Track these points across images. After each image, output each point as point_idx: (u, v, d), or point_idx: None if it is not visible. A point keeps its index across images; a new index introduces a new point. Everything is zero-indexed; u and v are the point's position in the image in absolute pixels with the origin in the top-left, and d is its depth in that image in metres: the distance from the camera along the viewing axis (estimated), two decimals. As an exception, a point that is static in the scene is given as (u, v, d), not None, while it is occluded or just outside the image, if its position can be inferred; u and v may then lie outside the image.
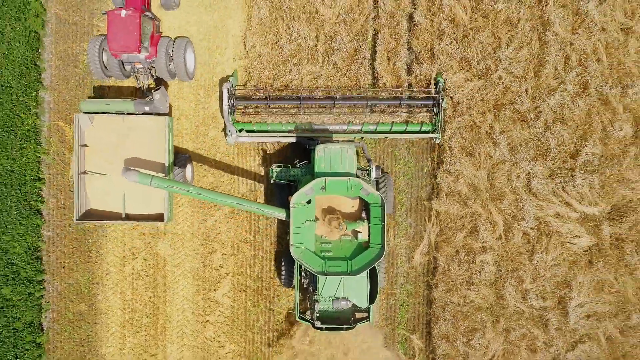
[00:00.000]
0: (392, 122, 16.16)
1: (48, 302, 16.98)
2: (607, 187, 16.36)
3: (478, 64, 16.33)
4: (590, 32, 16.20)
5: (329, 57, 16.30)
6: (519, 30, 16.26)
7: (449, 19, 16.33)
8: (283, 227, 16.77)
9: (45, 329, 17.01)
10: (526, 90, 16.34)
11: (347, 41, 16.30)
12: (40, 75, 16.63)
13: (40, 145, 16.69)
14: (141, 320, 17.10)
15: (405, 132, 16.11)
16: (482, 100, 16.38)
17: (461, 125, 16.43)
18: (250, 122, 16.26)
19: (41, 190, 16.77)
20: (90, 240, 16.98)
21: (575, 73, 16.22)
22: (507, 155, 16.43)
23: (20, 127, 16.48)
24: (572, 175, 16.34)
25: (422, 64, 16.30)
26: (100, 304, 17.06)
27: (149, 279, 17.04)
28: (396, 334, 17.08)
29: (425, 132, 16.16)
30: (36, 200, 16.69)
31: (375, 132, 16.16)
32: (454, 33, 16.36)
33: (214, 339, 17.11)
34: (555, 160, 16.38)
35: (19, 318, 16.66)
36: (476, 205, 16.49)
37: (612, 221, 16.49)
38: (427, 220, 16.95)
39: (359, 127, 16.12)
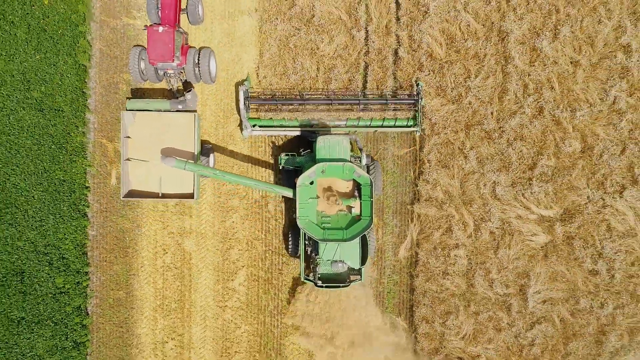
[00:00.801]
0: (384, 118, 19.40)
1: (92, 290, 20.24)
2: (559, 193, 19.65)
3: (452, 91, 19.65)
4: (545, 65, 19.50)
5: (327, 86, 19.63)
6: (485, 63, 19.59)
7: (428, 54, 19.65)
8: (290, 207, 20.06)
9: (90, 312, 20.25)
10: (491, 113, 19.65)
11: (343, 72, 19.63)
12: (86, 100, 19.92)
13: (86, 159, 19.96)
14: (170, 306, 20.35)
15: (393, 126, 19.39)
16: (455, 121, 19.69)
17: (438, 142, 19.73)
18: (261, 118, 19.61)
19: (87, 196, 20.03)
20: (127, 238, 20.25)
21: (532, 99, 19.54)
22: (476, 167, 19.73)
23: (71, 144, 19.75)
24: (530, 184, 19.64)
25: (405, 90, 19.67)
26: (136, 292, 20.32)
27: (177, 271, 20.31)
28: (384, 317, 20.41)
29: (408, 126, 19.43)
30: (83, 205, 19.96)
31: (368, 126, 19.44)
32: (432, 65, 19.68)
33: (232, 321, 20.36)
34: (516, 171, 19.68)
35: (69, 303, 19.91)
36: (450, 208, 19.78)
37: (564, 222, 19.75)
38: (409, 221, 20.23)
39: (354, 122, 19.38)
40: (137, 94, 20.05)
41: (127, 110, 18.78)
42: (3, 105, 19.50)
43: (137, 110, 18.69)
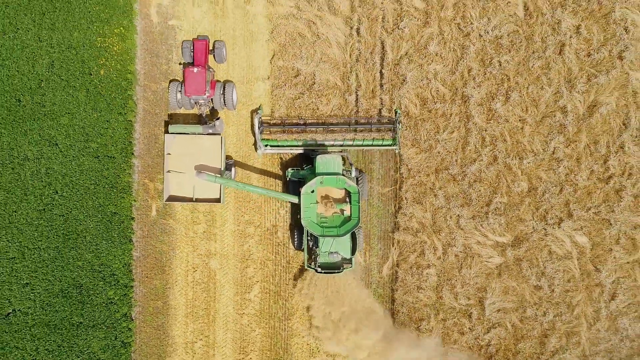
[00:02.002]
0: (373, 139, 24.47)
1: (136, 300, 25.17)
2: (510, 224, 24.63)
3: (424, 142, 24.68)
4: (498, 122, 24.52)
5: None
6: (451, 120, 24.63)
7: (405, 113, 24.69)
8: (295, 210, 24.97)
9: (134, 318, 25.18)
10: (456, 160, 24.66)
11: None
12: (132, 149, 24.92)
13: (132, 196, 24.93)
14: (198, 313, 25.30)
15: (378, 145, 24.40)
16: (427, 166, 24.70)
17: (413, 183, 24.73)
18: (273, 139, 24.82)
19: (132, 225, 25.01)
20: (164, 259, 25.22)
21: (489, 149, 24.56)
22: (444, 203, 24.71)
23: (120, 183, 24.74)
24: (487, 217, 24.62)
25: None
26: (171, 302, 25.27)
27: (204, 285, 25.27)
28: (370, 322, 25.39)
29: (388, 145, 24.38)
30: (129, 232, 24.92)
31: (357, 145, 24.46)
32: (408, 122, 24.71)
33: (248, 325, 25.30)
34: (476, 207, 24.68)
35: (118, 311, 24.86)
36: (423, 236, 24.77)
37: (514, 247, 24.70)
38: (391, 245, 25.20)
39: (345, 142, 24.49)
40: (174, 117, 25.13)
41: (169, 133, 23.80)
42: (67, 153, 24.51)
43: (176, 133, 23.72)
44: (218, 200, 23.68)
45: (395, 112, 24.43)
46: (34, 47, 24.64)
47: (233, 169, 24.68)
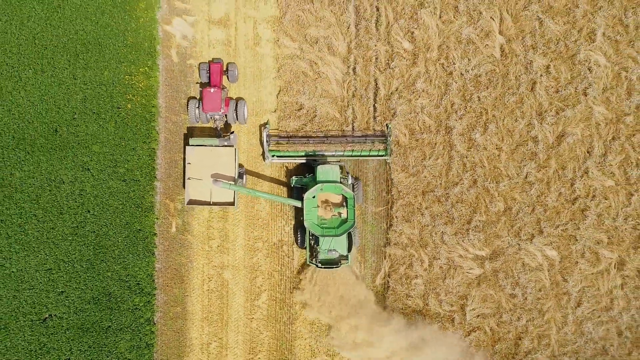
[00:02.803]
0: (370, 150, 27.92)
1: (158, 306, 28.45)
2: (488, 240, 27.96)
3: (412, 168, 28.04)
4: (478, 150, 27.86)
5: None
6: (436, 149, 27.98)
7: (395, 142, 28.03)
8: (299, 213, 28.19)
9: (156, 322, 28.47)
10: (440, 184, 28.00)
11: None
12: (155, 173, 28.26)
13: (154, 214, 28.26)
14: (213, 317, 28.58)
15: (372, 155, 27.78)
16: (415, 189, 28.04)
17: (402, 204, 28.06)
18: (278, 150, 28.29)
19: (155, 240, 28.34)
20: (183, 270, 28.53)
21: (469, 174, 27.90)
22: (430, 221, 28.04)
23: (144, 203, 28.07)
24: (467, 233, 27.94)
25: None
26: (189, 308, 28.57)
27: (218, 293, 28.57)
28: (365, 326, 28.68)
29: (381, 155, 27.80)
30: (152, 247, 28.25)
31: (354, 156, 27.87)
32: (398, 150, 28.06)
33: (257, 328, 28.58)
34: (458, 224, 28.01)
35: (142, 316, 28.15)
36: (412, 250, 28.09)
37: (491, 260, 28.01)
38: (383, 258, 28.53)
39: (342, 153, 27.97)
40: (192, 131, 28.60)
41: (190, 145, 27.09)
42: (98, 177, 27.86)
43: (196, 145, 27.03)
44: (232, 204, 26.97)
45: (387, 126, 27.77)
46: (69, 84, 28.03)
47: (244, 176, 28.05)
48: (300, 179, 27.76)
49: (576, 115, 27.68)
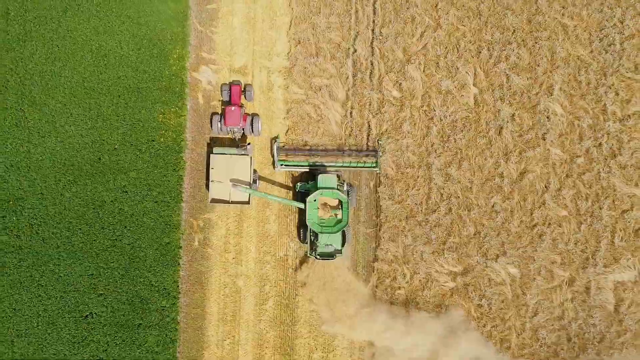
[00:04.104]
0: (364, 162, 33.41)
1: (181, 308, 33.65)
2: (460, 259, 33.27)
3: (398, 197, 33.31)
4: (452, 183, 33.14)
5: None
6: (417, 181, 33.31)
7: (384, 174, 33.38)
8: (302, 214, 33.60)
9: (179, 321, 33.72)
10: (420, 210, 33.32)
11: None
12: (182, 195, 33.61)
13: (180, 230, 33.61)
14: (227, 318, 33.85)
15: (365, 167, 33.24)
16: (399, 214, 33.31)
17: (389, 227, 33.34)
18: (286, 160, 33.64)
19: (180, 252, 33.67)
20: (203, 278, 33.82)
21: (445, 203, 33.15)
22: (411, 242, 33.36)
23: (172, 221, 33.39)
24: (443, 252, 33.27)
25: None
26: (207, 309, 33.84)
27: (232, 298, 33.86)
28: (355, 328, 34.05)
29: (372, 167, 33.24)
30: (178, 258, 33.56)
31: (349, 166, 33.37)
32: (386, 181, 33.37)
33: (264, 329, 33.75)
34: (435, 245, 33.31)
35: (168, 315, 33.43)
36: (396, 265, 33.42)
37: (463, 275, 33.31)
38: (372, 272, 33.86)
39: (340, 164, 33.53)
40: (214, 141, 34.04)
41: (213, 153, 32.53)
42: (134, 198, 33.22)
43: (218, 153, 32.43)
44: (247, 203, 32.37)
45: (378, 142, 33.26)
46: (112, 120, 33.47)
47: (258, 181, 33.48)
48: (304, 184, 33.34)
49: (536, 156, 33.08)
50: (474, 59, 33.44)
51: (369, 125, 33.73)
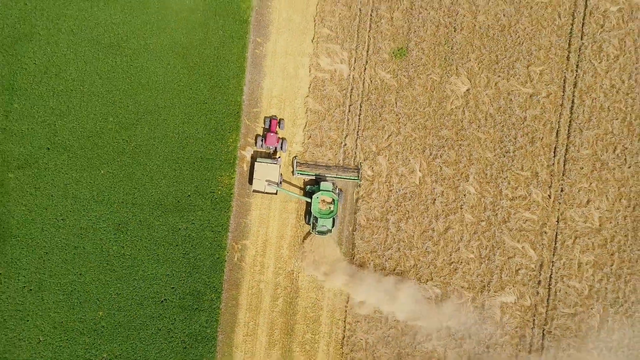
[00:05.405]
0: (350, 176, 52.17)
1: (222, 300, 52.14)
2: (402, 280, 52.10)
3: (365, 239, 52.19)
4: (401, 232, 52.12)
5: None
6: (380, 229, 52.27)
7: (359, 223, 52.31)
8: (308, 206, 52.51)
9: (221, 308, 52.44)
10: (380, 249, 52.21)
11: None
12: (228, 229, 52.50)
13: (226, 250, 52.45)
14: (252, 308, 52.35)
15: (352, 179, 52.07)
16: (365, 250, 52.20)
17: (359, 257, 52.16)
18: (301, 170, 52.58)
19: (224, 264, 52.49)
20: (238, 282, 52.55)
21: (396, 245, 52.11)
22: (372, 268, 52.16)
23: (221, 244, 52.24)
24: (391, 275, 52.05)
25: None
26: (239, 302, 52.40)
27: (255, 295, 52.44)
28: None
29: (355, 179, 52.10)
30: (222, 267, 52.40)
31: (340, 178, 52.19)
32: (359, 228, 52.32)
33: (275, 317, 52.36)
34: (387, 270, 52.13)
35: (214, 304, 52.09)
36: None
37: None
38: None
39: (335, 176, 52.46)
40: (256, 154, 52.61)
41: (257, 162, 51.01)
42: (198, 228, 52.18)
43: (260, 162, 50.99)
44: (275, 193, 51.47)
45: (360, 164, 52.08)
46: (188, 178, 52.42)
47: (282, 182, 52.15)
48: (311, 187, 50.77)
49: (456, 218, 51.86)
50: (420, 154, 52.45)
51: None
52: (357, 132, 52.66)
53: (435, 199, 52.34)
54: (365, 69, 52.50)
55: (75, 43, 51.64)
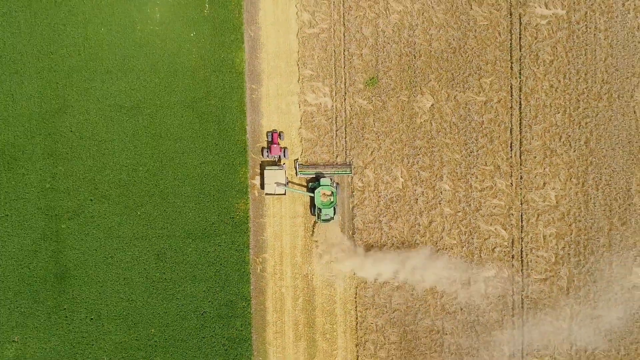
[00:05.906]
0: (345, 170, 62.45)
1: (252, 305, 62.41)
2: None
3: (360, 242, 62.47)
4: (393, 228, 62.37)
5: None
6: (374, 230, 62.51)
7: (356, 227, 62.50)
8: (312, 199, 62.70)
9: (252, 312, 62.56)
10: (375, 246, 62.43)
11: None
12: (249, 246, 62.73)
13: (249, 263, 62.59)
14: (276, 309, 62.46)
15: (345, 173, 62.37)
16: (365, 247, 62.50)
17: (362, 242, 62.40)
18: (303, 170, 63.01)
19: (250, 275, 62.62)
20: (263, 289, 62.67)
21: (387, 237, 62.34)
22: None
23: (244, 260, 62.39)
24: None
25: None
26: (266, 305, 62.49)
27: (279, 299, 62.59)
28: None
29: (348, 173, 62.37)
30: (248, 278, 62.53)
31: (336, 173, 62.55)
32: (357, 231, 62.47)
33: (297, 314, 62.44)
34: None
35: (246, 309, 62.24)
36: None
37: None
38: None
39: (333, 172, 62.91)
40: (264, 163, 62.95)
41: (266, 169, 61.30)
42: (226, 249, 62.39)
43: (268, 169, 61.31)
44: (284, 194, 61.61)
45: (351, 161, 62.22)
46: (211, 209, 62.66)
47: (288, 183, 62.24)
48: (313, 184, 60.00)
49: (436, 212, 62.15)
50: (400, 163, 62.61)
51: (352, 209, 63.09)
52: (345, 151, 62.87)
53: (417, 199, 62.54)
54: (345, 99, 62.68)
55: (102, 109, 61.82)
